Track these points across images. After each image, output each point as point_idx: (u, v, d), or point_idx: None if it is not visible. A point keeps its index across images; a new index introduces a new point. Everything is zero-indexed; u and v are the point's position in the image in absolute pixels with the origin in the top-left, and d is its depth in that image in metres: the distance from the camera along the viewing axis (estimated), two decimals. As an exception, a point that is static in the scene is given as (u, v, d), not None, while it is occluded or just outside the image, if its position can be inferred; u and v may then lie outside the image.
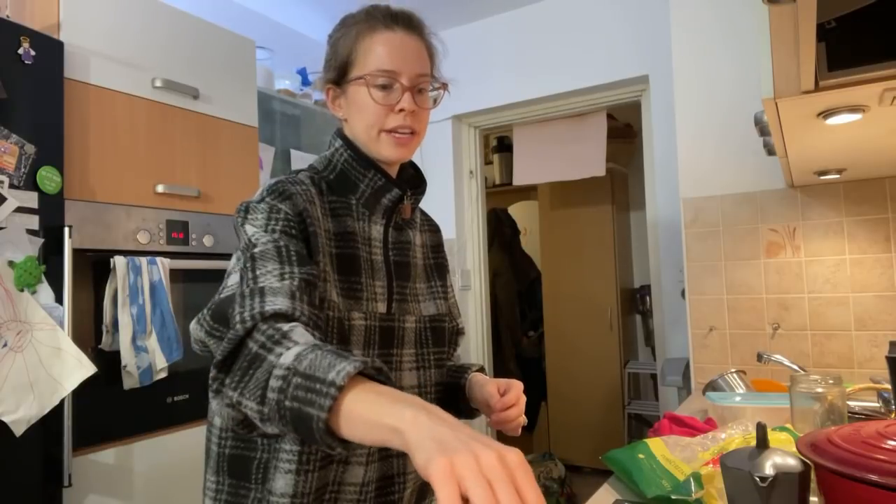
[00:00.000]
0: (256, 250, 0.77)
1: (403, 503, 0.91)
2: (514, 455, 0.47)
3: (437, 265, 1.05)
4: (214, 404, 0.82)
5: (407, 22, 0.89)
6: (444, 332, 1.00)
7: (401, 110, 0.87)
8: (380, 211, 0.92)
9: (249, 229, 0.81)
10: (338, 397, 0.55)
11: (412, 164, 1.02)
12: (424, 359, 0.95)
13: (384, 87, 0.87)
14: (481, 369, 1.06)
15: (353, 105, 0.89)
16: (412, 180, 1.00)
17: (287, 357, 0.61)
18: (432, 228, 1.08)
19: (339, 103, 0.93)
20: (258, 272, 0.75)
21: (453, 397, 1.02)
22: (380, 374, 0.60)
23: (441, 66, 0.96)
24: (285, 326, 0.66)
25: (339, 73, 0.90)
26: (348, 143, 0.91)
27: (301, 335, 0.65)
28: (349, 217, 0.90)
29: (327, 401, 0.55)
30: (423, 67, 0.89)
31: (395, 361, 0.91)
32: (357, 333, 0.85)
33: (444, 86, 0.93)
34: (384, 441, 0.53)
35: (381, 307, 0.89)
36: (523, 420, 0.93)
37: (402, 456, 0.90)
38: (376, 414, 0.53)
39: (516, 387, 0.94)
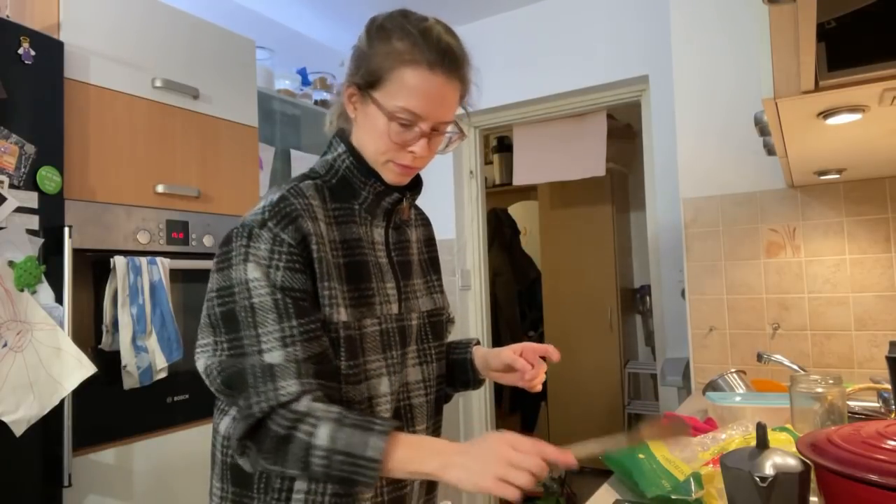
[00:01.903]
0: (255, 301, 0.79)
1: (414, 493, 0.94)
2: (518, 439, 0.70)
3: (431, 259, 1.06)
4: (222, 427, 0.88)
5: (452, 64, 0.85)
6: (442, 325, 1.02)
7: (411, 151, 0.86)
8: (380, 214, 0.93)
9: (251, 269, 0.80)
10: (379, 468, 0.70)
11: None
12: (426, 354, 0.97)
13: (403, 125, 0.84)
14: (478, 342, 1.10)
15: (368, 121, 0.87)
16: (410, 181, 1.00)
17: (321, 438, 0.72)
18: (424, 222, 1.09)
19: (356, 106, 0.90)
20: (260, 331, 0.78)
21: (461, 371, 1.06)
22: (400, 430, 0.74)
23: (472, 96, 0.94)
24: (301, 406, 0.75)
25: (366, 83, 0.86)
26: (351, 150, 0.90)
27: (318, 410, 0.75)
28: (353, 223, 0.90)
29: (373, 472, 0.71)
30: (448, 115, 0.88)
31: (406, 359, 0.93)
32: (372, 340, 0.87)
33: (461, 134, 0.92)
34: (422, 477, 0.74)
35: (395, 308, 0.91)
36: (543, 375, 0.99)
37: None
38: (413, 467, 0.72)
39: (529, 347, 0.98)
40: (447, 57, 0.84)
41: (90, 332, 1.57)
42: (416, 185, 0.99)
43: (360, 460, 0.70)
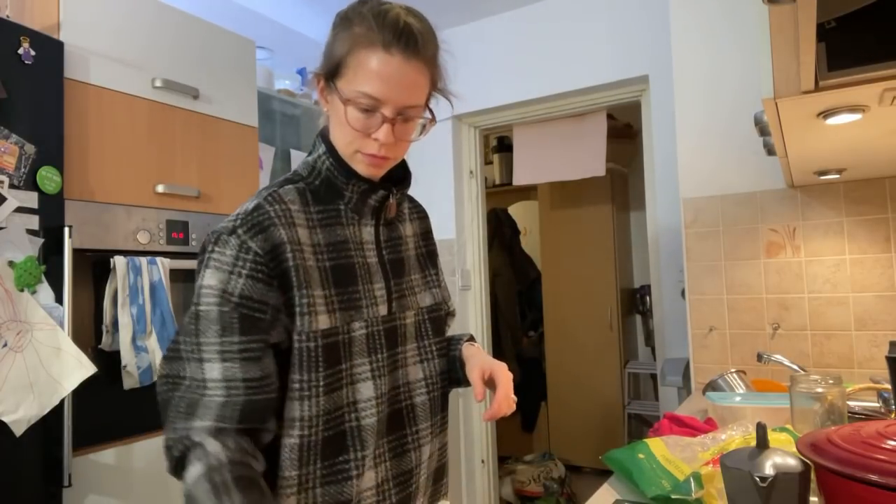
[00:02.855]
0: (202, 310, 0.77)
1: (420, 488, 0.93)
2: None
3: (429, 252, 1.03)
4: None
5: (410, 44, 0.80)
6: (442, 321, 1.00)
7: (376, 139, 0.82)
8: (368, 213, 0.90)
9: (208, 276, 0.78)
10: None
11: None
12: (427, 350, 0.95)
13: (365, 111, 0.81)
14: (471, 338, 1.04)
15: (334, 112, 0.85)
16: (396, 175, 0.95)
17: (202, 489, 0.69)
18: (420, 215, 1.05)
19: (327, 98, 0.88)
20: (201, 340, 0.77)
21: (451, 368, 1.00)
22: None
23: (449, 81, 0.90)
24: (210, 449, 0.73)
25: (328, 73, 0.85)
26: (331, 150, 0.88)
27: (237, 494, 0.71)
28: (339, 225, 0.87)
29: None
30: (413, 98, 0.82)
31: (401, 359, 0.91)
32: (359, 343, 0.84)
33: (433, 120, 0.87)
34: None
35: (383, 310, 0.88)
36: (511, 405, 0.89)
37: (416, 450, 0.92)
38: None
39: (500, 376, 0.89)
40: (404, 36, 0.79)
41: (90, 332, 1.57)
42: (402, 179, 0.95)
43: None
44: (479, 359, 0.94)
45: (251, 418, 0.76)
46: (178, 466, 0.75)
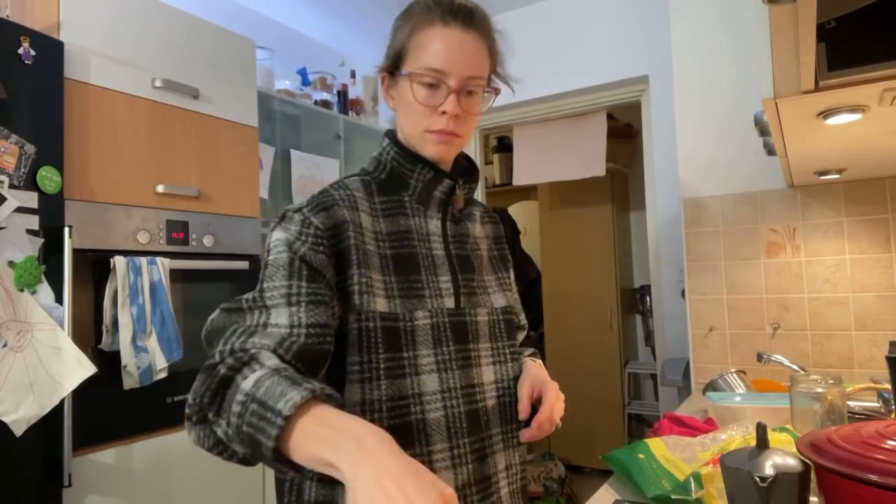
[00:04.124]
0: (270, 258, 0.78)
1: (502, 500, 0.88)
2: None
3: (501, 257, 1.02)
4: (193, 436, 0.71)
5: (467, 18, 0.84)
6: (515, 325, 0.98)
7: (444, 112, 0.83)
8: (434, 204, 0.90)
9: (275, 235, 0.80)
10: (285, 426, 0.57)
11: (464, 155, 0.98)
12: (500, 352, 0.93)
13: (430, 86, 0.83)
14: (534, 353, 1.04)
15: (401, 100, 0.87)
16: (463, 170, 0.96)
17: (248, 382, 0.62)
18: (493, 220, 1.05)
19: (392, 94, 0.90)
20: (265, 286, 0.76)
21: None
22: (331, 400, 0.61)
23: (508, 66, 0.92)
24: (252, 349, 0.67)
25: (393, 64, 0.87)
26: (395, 141, 0.90)
27: (268, 358, 0.66)
28: (402, 215, 0.88)
29: (274, 430, 0.57)
30: (476, 69, 0.84)
31: (474, 357, 0.88)
32: (423, 333, 0.83)
33: (496, 91, 0.89)
34: (328, 472, 0.55)
35: (449, 302, 0.87)
36: (551, 427, 0.90)
37: (491, 455, 0.88)
38: (315, 447, 0.56)
39: (548, 395, 0.90)
40: (461, 11, 0.83)
41: (90, 332, 1.57)
42: (469, 173, 0.95)
43: (268, 412, 0.58)
44: (532, 374, 0.94)
45: (307, 361, 0.72)
46: (222, 384, 0.65)
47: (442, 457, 0.81)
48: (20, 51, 1.43)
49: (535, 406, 0.92)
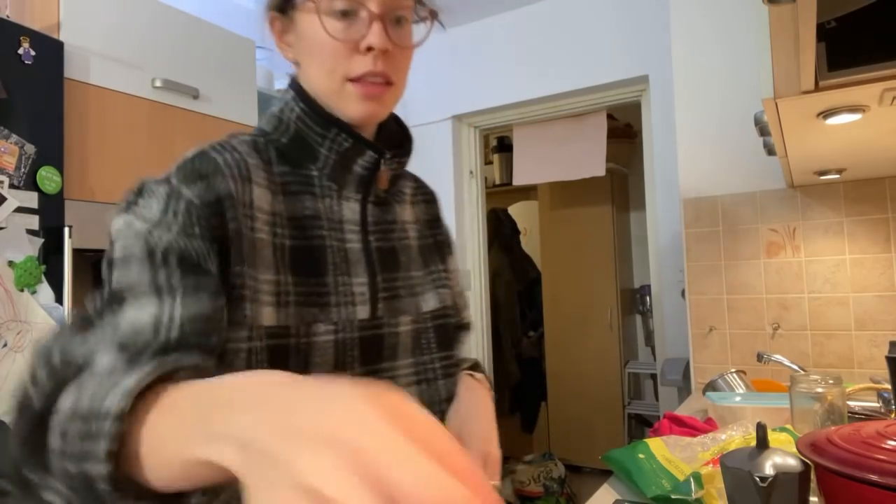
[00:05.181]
0: (116, 255, 0.55)
1: None
2: (416, 418, 0.28)
3: (437, 244, 0.82)
4: None
5: None
6: (450, 330, 0.79)
7: (368, 49, 0.62)
8: (352, 183, 0.68)
9: (122, 221, 0.56)
10: (119, 433, 0.36)
11: (394, 116, 0.75)
12: (427, 368, 0.73)
13: (344, 15, 0.62)
14: (475, 366, 0.85)
15: (303, 42, 0.65)
16: (393, 138, 0.74)
17: (68, 399, 0.41)
18: (427, 198, 0.84)
19: (288, 40, 0.68)
20: (113, 287, 0.53)
21: None
22: (192, 373, 0.42)
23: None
24: (82, 359, 0.46)
25: (284, 1, 0.66)
26: (301, 94, 0.67)
27: (104, 359, 0.46)
28: (309, 195, 0.66)
29: (102, 444, 0.36)
30: None
31: (387, 378, 0.69)
32: (323, 353, 0.62)
33: (433, 14, 0.68)
34: (209, 481, 0.33)
35: (363, 311, 0.66)
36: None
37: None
38: (177, 447, 0.33)
39: (489, 465, 0.71)
40: None
41: (90, 332, 1.57)
42: (400, 144, 0.73)
43: (92, 424, 0.37)
44: (461, 409, 0.73)
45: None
46: (37, 423, 0.43)
47: None
48: (20, 51, 1.43)
49: None
